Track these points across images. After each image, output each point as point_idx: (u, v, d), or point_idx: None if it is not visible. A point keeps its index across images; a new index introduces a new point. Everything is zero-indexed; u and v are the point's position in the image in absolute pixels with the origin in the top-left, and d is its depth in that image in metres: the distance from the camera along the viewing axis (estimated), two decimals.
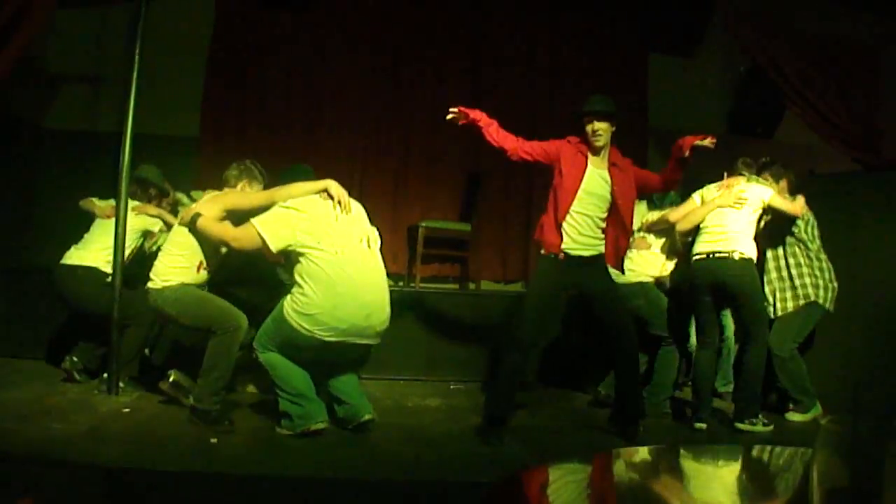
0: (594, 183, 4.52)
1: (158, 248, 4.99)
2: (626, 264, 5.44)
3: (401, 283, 7.19)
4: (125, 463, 3.70)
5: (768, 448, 2.10)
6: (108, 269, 5.20)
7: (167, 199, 5.68)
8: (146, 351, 5.63)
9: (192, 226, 4.48)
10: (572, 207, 4.49)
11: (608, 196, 4.53)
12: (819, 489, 1.26)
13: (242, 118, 7.23)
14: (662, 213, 5.45)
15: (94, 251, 5.31)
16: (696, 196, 5.29)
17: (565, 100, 7.80)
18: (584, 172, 4.49)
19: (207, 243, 4.56)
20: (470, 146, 7.60)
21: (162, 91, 6.49)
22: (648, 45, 7.91)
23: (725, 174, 5.29)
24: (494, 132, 4.65)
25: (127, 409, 4.67)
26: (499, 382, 4.62)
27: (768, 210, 5.11)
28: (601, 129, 4.47)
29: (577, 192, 4.48)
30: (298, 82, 7.45)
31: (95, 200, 5.51)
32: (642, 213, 5.63)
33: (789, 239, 5.38)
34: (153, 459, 3.80)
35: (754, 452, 2.18)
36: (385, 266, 4.56)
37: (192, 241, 4.54)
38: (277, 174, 4.57)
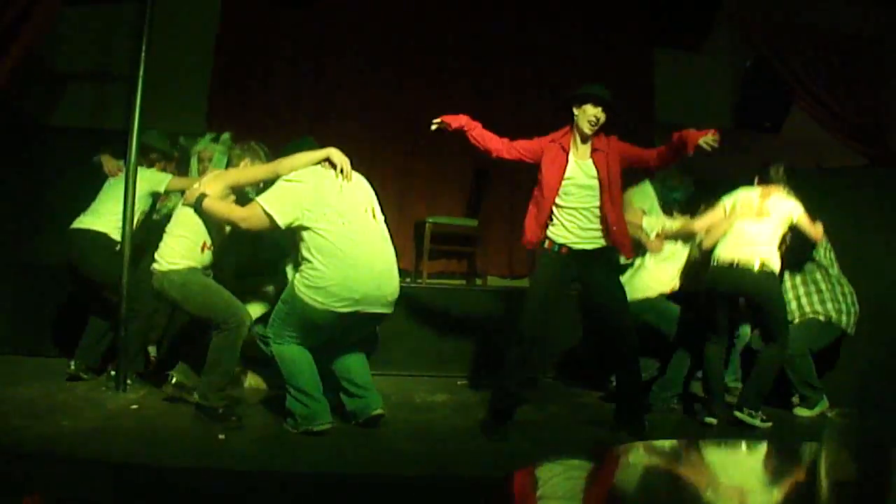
0: (579, 175, 4.51)
1: (169, 214, 4.96)
2: (635, 280, 5.42)
3: (408, 279, 7.18)
4: (133, 459, 3.71)
5: (776, 442, 2.09)
6: (118, 237, 5.19)
7: (170, 164, 5.62)
8: (153, 349, 5.65)
9: (197, 206, 4.48)
10: (560, 202, 4.52)
11: (596, 185, 4.50)
12: (827, 482, 1.26)
13: (249, 114, 7.22)
14: (684, 222, 5.39)
15: (103, 217, 5.27)
16: (727, 202, 5.12)
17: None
18: (564, 167, 4.50)
19: (212, 223, 4.55)
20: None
21: (169, 88, 6.50)
22: (654, 39, 7.89)
23: (757, 179, 5.13)
24: (478, 135, 4.72)
25: (135, 406, 4.68)
26: (502, 376, 4.61)
27: (792, 228, 5.03)
28: (598, 116, 4.46)
29: (558, 187, 4.51)
30: (304, 79, 7.44)
31: (109, 157, 5.47)
32: (648, 195, 5.60)
33: (809, 265, 5.38)
34: (161, 456, 3.81)
35: (761, 447, 2.18)
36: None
37: (197, 221, 4.53)
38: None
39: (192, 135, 5.81)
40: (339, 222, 4.20)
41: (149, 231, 5.25)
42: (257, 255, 5.15)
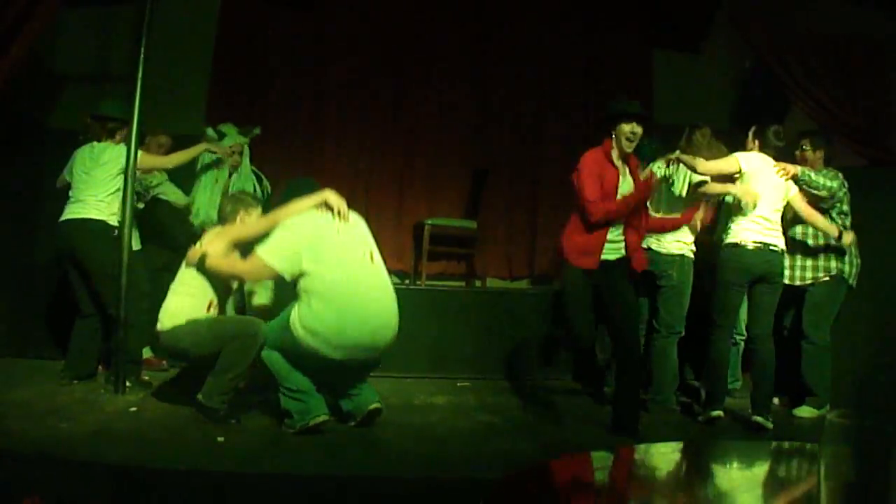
0: (627, 189, 4.54)
1: (158, 189, 4.96)
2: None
3: (407, 281, 7.19)
4: (132, 462, 3.70)
5: (774, 443, 2.09)
6: (114, 223, 5.24)
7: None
8: (147, 350, 5.66)
9: (200, 265, 4.48)
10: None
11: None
12: (826, 484, 1.25)
13: (247, 115, 7.20)
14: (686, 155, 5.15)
15: (90, 205, 5.27)
16: (742, 161, 4.98)
17: (570, 97, 7.80)
18: (618, 179, 4.50)
19: (218, 280, 4.57)
20: (475, 143, 7.62)
21: (167, 90, 6.49)
22: (653, 41, 7.89)
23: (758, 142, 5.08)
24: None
25: (133, 409, 4.67)
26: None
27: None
28: (632, 133, 4.46)
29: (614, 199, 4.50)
30: (303, 80, 7.45)
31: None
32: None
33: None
34: (160, 458, 3.80)
35: (760, 448, 2.17)
36: (391, 264, 4.56)
37: (203, 281, 4.54)
38: (283, 168, 4.56)
39: (192, 136, 5.81)
40: (337, 268, 4.21)
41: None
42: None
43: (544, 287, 7.48)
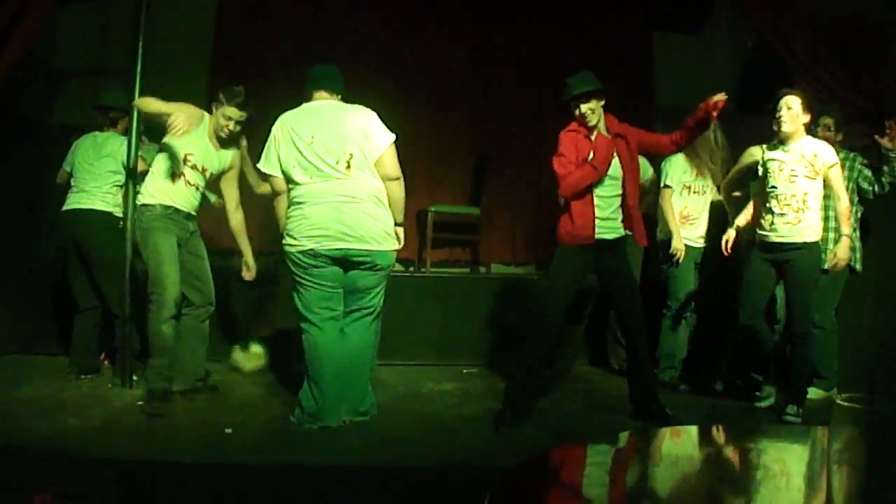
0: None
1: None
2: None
3: (411, 269, 7.19)
4: (140, 456, 3.72)
5: (782, 427, 2.08)
6: (119, 214, 5.27)
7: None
8: None
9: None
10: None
11: (620, 171, 4.48)
12: (836, 466, 1.25)
13: (248, 105, 7.20)
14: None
15: (96, 196, 5.32)
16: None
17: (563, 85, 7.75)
18: (587, 155, 4.42)
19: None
20: (477, 129, 7.59)
21: (167, 83, 6.44)
22: (654, 23, 7.85)
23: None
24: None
25: (141, 402, 4.68)
26: (519, 370, 4.56)
27: None
28: (589, 110, 4.41)
29: None
30: (303, 69, 7.40)
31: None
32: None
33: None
34: (168, 451, 3.82)
35: (767, 431, 2.17)
36: (396, 252, 4.54)
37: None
38: None
39: None
40: (304, 175, 4.26)
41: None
42: None
43: None
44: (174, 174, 4.68)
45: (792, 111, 4.68)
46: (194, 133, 4.74)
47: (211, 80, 7.13)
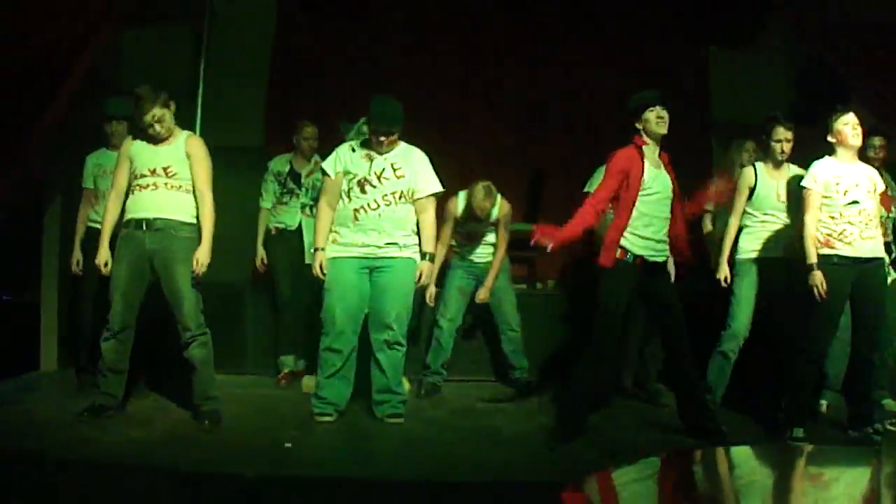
0: (657, 181, 4.45)
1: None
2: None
3: None
4: (203, 468, 3.78)
5: (834, 449, 2.04)
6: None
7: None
8: None
9: None
10: (638, 209, 4.41)
11: (670, 193, 4.47)
12: (888, 491, 1.24)
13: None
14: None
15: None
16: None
17: (625, 98, 7.71)
18: (642, 171, 4.40)
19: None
20: (531, 146, 7.61)
21: (227, 104, 6.58)
22: (708, 38, 7.78)
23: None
24: (573, 229, 4.55)
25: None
26: (574, 396, 4.52)
27: None
28: (665, 116, 4.43)
29: (637, 194, 4.39)
30: (357, 91, 7.50)
31: None
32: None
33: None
34: (228, 463, 3.88)
35: (818, 453, 2.13)
36: None
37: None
38: None
39: (251, 147, 5.87)
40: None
41: None
42: None
43: None
44: (129, 190, 4.68)
45: (860, 127, 4.62)
46: (130, 147, 4.84)
47: (268, 101, 7.24)
